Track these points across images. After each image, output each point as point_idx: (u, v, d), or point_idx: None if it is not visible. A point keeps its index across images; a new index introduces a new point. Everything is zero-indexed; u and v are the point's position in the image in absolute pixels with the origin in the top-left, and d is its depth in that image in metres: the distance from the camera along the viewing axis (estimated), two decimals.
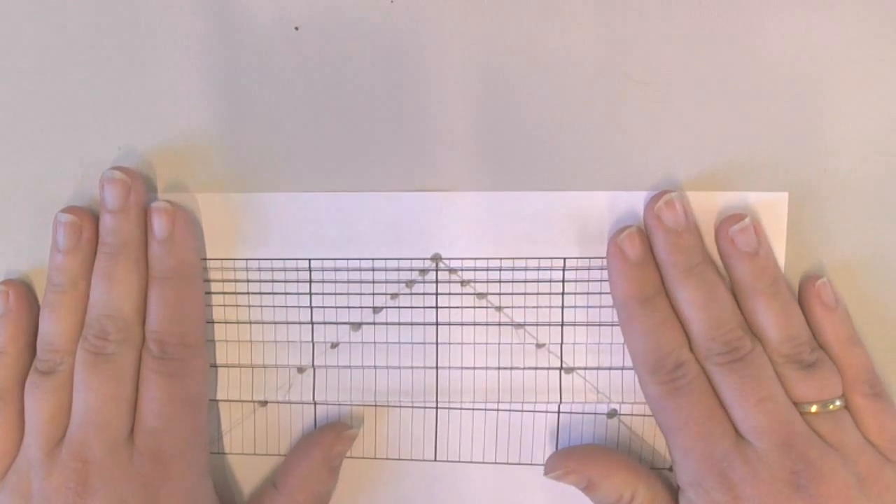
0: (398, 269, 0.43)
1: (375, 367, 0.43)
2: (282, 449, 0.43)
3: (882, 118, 0.41)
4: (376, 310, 0.43)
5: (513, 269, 0.42)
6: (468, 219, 0.42)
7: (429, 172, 0.42)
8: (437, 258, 0.42)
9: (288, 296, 0.43)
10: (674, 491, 0.41)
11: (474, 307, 0.43)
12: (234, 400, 0.43)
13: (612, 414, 0.43)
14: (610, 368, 0.42)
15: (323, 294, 0.43)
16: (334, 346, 0.43)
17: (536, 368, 0.43)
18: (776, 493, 0.37)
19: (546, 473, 0.41)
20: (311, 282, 0.43)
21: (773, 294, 0.40)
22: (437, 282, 0.43)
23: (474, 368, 0.42)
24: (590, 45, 0.41)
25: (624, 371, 0.42)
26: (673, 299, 0.41)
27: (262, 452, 0.44)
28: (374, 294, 0.43)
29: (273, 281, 0.43)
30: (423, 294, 0.43)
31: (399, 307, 0.43)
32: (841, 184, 0.42)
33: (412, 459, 0.43)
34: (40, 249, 0.43)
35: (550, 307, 0.42)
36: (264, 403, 0.43)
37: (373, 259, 0.42)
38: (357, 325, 0.43)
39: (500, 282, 0.43)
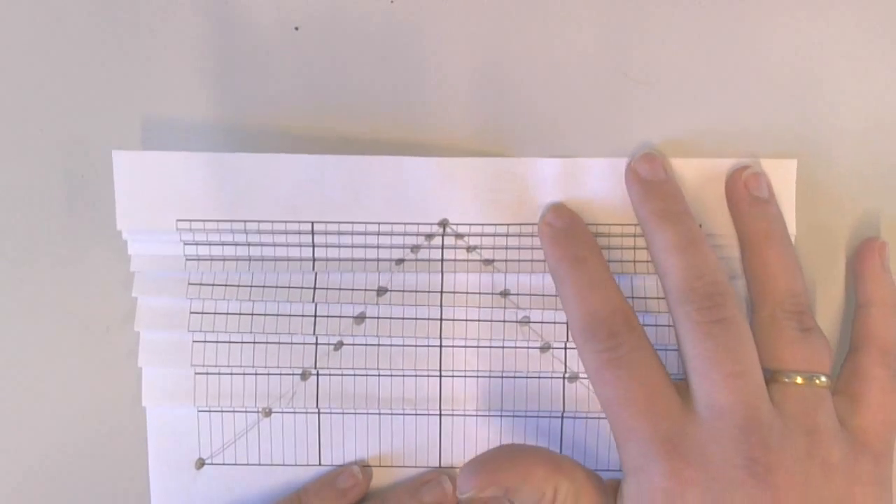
0: (404, 234, 0.42)
1: (379, 369, 0.42)
2: (287, 459, 0.43)
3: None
4: (380, 291, 0.42)
5: (519, 235, 0.42)
6: (476, 184, 0.41)
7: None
8: (444, 223, 0.42)
9: (290, 262, 0.42)
10: (599, 480, 0.38)
11: (480, 273, 0.42)
12: (239, 410, 0.43)
13: None
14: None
15: (327, 260, 0.42)
16: (337, 347, 0.42)
17: (540, 377, 0.42)
18: (727, 479, 0.34)
19: (460, 495, 0.37)
20: (313, 246, 0.42)
21: (785, 246, 0.39)
22: (442, 247, 0.42)
23: (477, 376, 0.42)
24: (590, 45, 0.41)
25: None
26: (651, 249, 0.39)
27: (266, 462, 0.43)
28: (378, 260, 0.42)
29: (275, 245, 0.42)
30: (429, 261, 0.42)
31: (404, 273, 0.42)
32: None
33: (416, 466, 0.43)
34: (41, 249, 0.43)
35: None
36: (269, 413, 0.43)
37: (378, 223, 0.42)
38: (360, 319, 0.42)
39: (506, 248, 0.42)
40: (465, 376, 0.42)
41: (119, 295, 0.43)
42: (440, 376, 0.42)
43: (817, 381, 0.37)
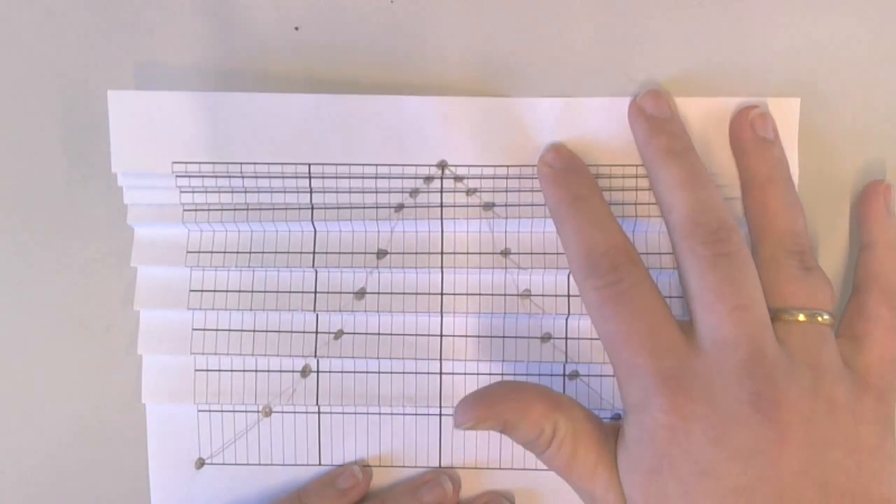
0: (402, 177, 0.41)
1: (379, 358, 0.42)
2: (287, 459, 0.43)
3: None
4: (380, 254, 0.41)
5: (519, 177, 0.41)
6: (474, 124, 0.41)
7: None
8: (442, 164, 0.41)
9: (288, 211, 0.42)
10: (599, 421, 0.37)
11: (480, 220, 0.41)
12: (239, 410, 0.43)
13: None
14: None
15: (325, 207, 0.41)
16: (337, 336, 0.42)
17: (540, 374, 0.42)
18: (731, 414, 0.34)
19: (456, 426, 0.36)
20: (311, 191, 0.41)
21: (787, 187, 0.39)
22: (441, 191, 0.41)
23: (478, 374, 0.42)
24: (590, 44, 0.41)
25: None
26: (655, 186, 0.39)
27: (266, 462, 0.43)
28: (377, 207, 0.41)
29: (272, 191, 0.42)
30: (428, 206, 0.41)
31: (403, 224, 0.42)
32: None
33: (416, 466, 0.43)
34: (40, 249, 0.43)
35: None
36: (269, 413, 0.43)
37: (376, 165, 0.41)
38: (361, 295, 0.41)
39: (506, 191, 0.41)
40: (465, 374, 0.42)
41: (119, 294, 0.43)
42: (440, 374, 0.42)
43: (819, 319, 0.36)
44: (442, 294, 0.42)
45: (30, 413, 0.43)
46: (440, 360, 0.42)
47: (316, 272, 0.42)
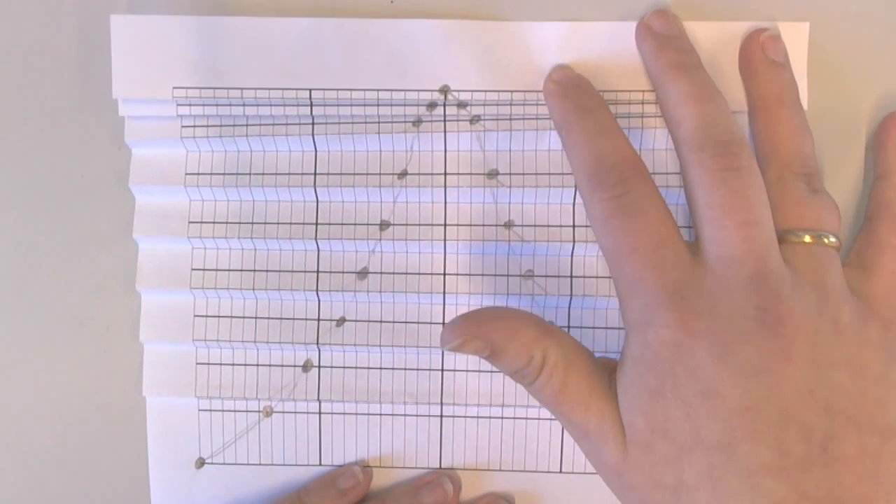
0: (404, 104, 0.40)
1: (381, 346, 0.41)
2: (287, 459, 0.43)
3: None
4: (383, 225, 0.41)
5: (524, 103, 0.40)
6: (477, 48, 0.40)
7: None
8: (445, 90, 0.40)
9: (290, 138, 0.41)
10: (591, 353, 0.36)
11: (484, 186, 0.40)
12: (240, 409, 0.43)
13: None
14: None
15: (327, 134, 0.41)
16: (339, 323, 0.42)
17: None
18: (736, 330, 0.33)
19: (443, 346, 0.35)
20: (312, 122, 0.41)
21: (796, 110, 0.38)
22: (444, 119, 0.40)
23: (479, 371, 0.42)
24: None
25: None
26: (663, 102, 0.38)
27: (267, 462, 0.43)
28: (380, 135, 0.40)
29: (273, 122, 0.41)
30: (431, 133, 0.40)
31: (406, 189, 0.41)
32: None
33: (416, 467, 0.42)
34: (40, 249, 0.43)
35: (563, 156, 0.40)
36: (270, 413, 0.43)
37: (378, 90, 0.40)
38: (363, 274, 0.41)
39: (510, 118, 0.40)
40: (466, 370, 0.42)
41: (119, 293, 0.43)
42: (442, 370, 0.41)
43: (826, 241, 0.35)
44: (444, 274, 0.41)
45: (29, 412, 0.43)
46: (442, 351, 0.42)
47: (318, 245, 0.41)
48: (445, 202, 0.41)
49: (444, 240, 0.41)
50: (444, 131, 0.40)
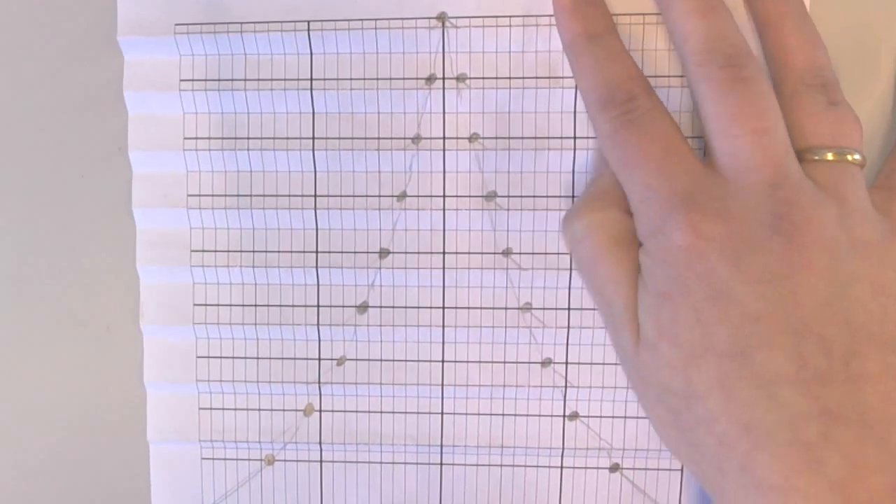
0: (402, 28, 0.39)
1: (381, 384, 0.41)
2: None
3: None
4: (382, 253, 0.41)
5: (523, 50, 0.39)
6: None
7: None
8: (442, 17, 0.39)
9: (290, 153, 0.40)
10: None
11: (482, 209, 0.40)
12: (242, 459, 0.43)
13: (615, 468, 0.42)
14: (613, 417, 0.40)
15: (327, 150, 0.40)
16: (340, 363, 0.42)
17: (541, 398, 0.41)
18: (751, 235, 0.32)
19: None
20: (314, 137, 0.40)
21: (804, 21, 0.36)
22: (444, 52, 0.40)
23: (479, 414, 0.42)
24: None
25: (627, 420, 0.41)
26: (668, 17, 0.36)
27: None
28: (379, 151, 0.40)
29: (272, 79, 0.40)
30: (430, 150, 0.40)
31: (406, 172, 0.40)
32: None
33: None
34: (40, 249, 0.43)
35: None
36: (272, 461, 0.43)
37: (375, 19, 0.39)
38: (363, 308, 0.41)
39: (509, 52, 0.39)
40: (466, 414, 0.42)
41: (119, 293, 0.43)
42: (442, 413, 0.42)
43: (849, 158, 0.34)
44: (443, 308, 0.41)
45: (29, 412, 0.43)
46: (441, 385, 0.42)
47: (318, 276, 0.41)
48: (444, 229, 0.41)
49: (443, 268, 0.41)
50: (444, 149, 0.40)
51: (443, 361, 0.41)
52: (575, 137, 0.40)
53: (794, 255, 0.32)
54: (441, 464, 0.42)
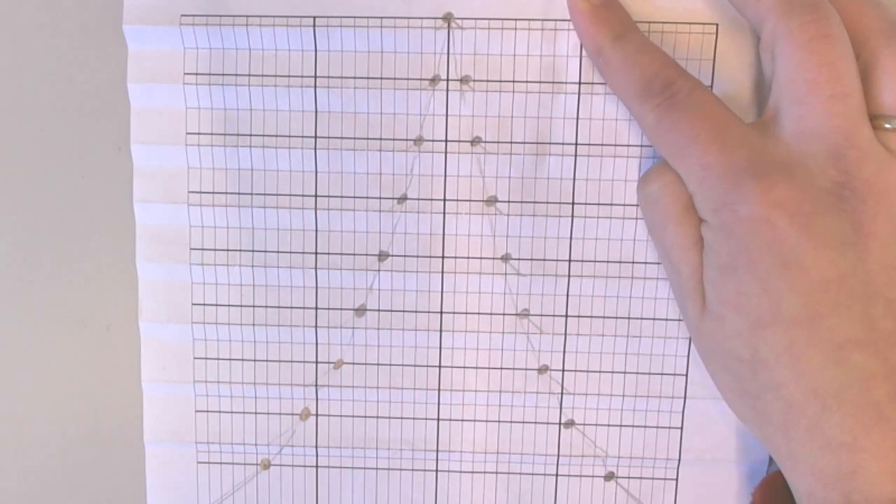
0: (408, 28, 0.39)
1: (378, 388, 0.41)
2: None
3: None
4: (381, 256, 0.41)
5: (527, 53, 0.39)
6: None
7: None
8: (448, 17, 0.39)
9: (291, 151, 0.40)
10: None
11: (482, 214, 0.40)
12: (238, 463, 0.43)
13: (610, 477, 0.41)
14: (608, 425, 0.41)
15: (329, 149, 0.40)
16: (337, 366, 0.42)
17: (537, 406, 0.41)
18: (817, 201, 0.31)
19: None
20: (316, 136, 0.40)
21: None
22: (448, 53, 0.39)
23: (475, 420, 0.42)
24: None
25: (622, 428, 0.41)
26: None
27: None
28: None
29: (276, 75, 0.40)
30: (432, 153, 0.40)
31: (407, 175, 0.40)
32: None
33: None
34: (40, 249, 0.43)
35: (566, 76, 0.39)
36: (267, 466, 0.43)
37: (381, 17, 0.39)
38: (361, 312, 0.41)
39: (514, 55, 0.39)
40: (462, 420, 0.42)
41: (119, 293, 0.42)
42: (438, 419, 0.42)
43: None
44: (441, 312, 0.41)
45: (29, 412, 0.43)
46: (438, 390, 0.42)
47: (317, 277, 0.41)
48: (444, 233, 0.41)
49: (442, 272, 0.41)
50: (445, 152, 0.40)
51: (440, 366, 0.41)
52: (577, 144, 0.39)
53: (857, 222, 0.32)
54: (437, 470, 0.42)
